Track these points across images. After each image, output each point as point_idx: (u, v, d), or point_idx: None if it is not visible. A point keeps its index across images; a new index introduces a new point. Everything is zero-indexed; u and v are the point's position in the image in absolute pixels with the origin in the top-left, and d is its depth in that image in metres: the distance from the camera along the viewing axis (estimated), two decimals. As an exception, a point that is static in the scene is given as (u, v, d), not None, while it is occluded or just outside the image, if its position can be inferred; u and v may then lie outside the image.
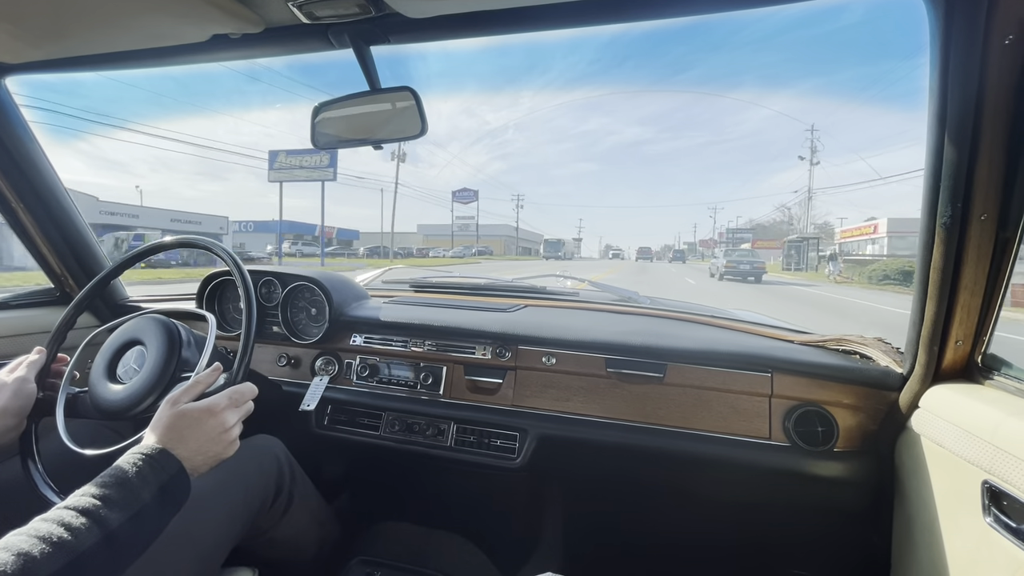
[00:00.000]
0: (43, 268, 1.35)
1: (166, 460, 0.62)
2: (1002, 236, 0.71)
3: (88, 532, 0.52)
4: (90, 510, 0.54)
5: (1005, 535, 0.66)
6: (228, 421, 0.70)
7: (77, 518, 0.53)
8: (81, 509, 0.54)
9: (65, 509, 0.54)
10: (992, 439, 0.68)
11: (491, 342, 1.17)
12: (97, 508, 0.54)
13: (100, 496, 0.56)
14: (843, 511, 1.07)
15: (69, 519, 0.52)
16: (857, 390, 0.97)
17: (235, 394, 0.73)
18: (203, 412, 0.68)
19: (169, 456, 0.63)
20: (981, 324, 0.78)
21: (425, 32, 0.83)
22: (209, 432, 0.68)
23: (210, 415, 0.69)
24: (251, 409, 0.76)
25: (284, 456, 0.99)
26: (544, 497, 1.39)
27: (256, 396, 0.77)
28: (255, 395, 0.77)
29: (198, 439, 0.66)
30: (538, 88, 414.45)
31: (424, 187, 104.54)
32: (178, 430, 0.66)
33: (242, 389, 0.75)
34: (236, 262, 0.89)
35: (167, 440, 0.64)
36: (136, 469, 0.59)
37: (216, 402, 0.70)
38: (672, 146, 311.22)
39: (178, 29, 0.85)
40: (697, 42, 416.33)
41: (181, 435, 0.66)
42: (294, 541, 0.99)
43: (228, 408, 0.71)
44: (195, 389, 0.72)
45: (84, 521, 0.53)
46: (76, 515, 0.53)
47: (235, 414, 0.72)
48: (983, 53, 0.62)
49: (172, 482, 0.62)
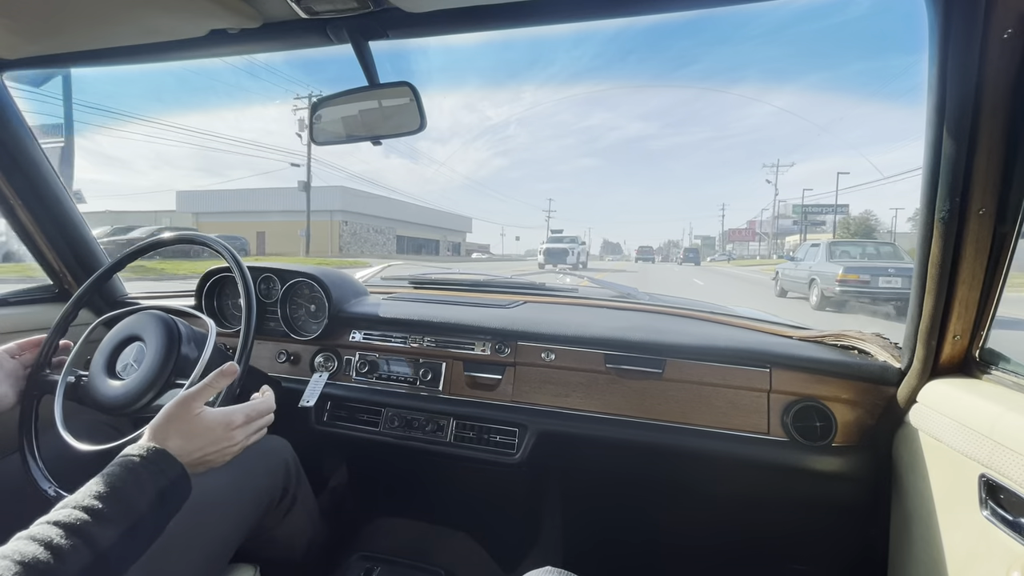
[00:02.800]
0: (41, 265, 1.34)
1: (168, 463, 0.60)
2: (1000, 230, 0.71)
3: (76, 554, 0.48)
4: (79, 528, 0.50)
5: (1002, 528, 0.66)
6: (237, 438, 0.68)
7: (65, 539, 0.48)
8: (70, 527, 0.49)
9: (53, 526, 0.49)
10: (990, 433, 0.68)
11: (490, 338, 1.17)
12: (88, 525, 0.50)
13: (92, 510, 0.52)
14: (841, 506, 1.08)
15: (57, 540, 0.48)
16: (855, 385, 0.98)
17: (253, 412, 0.71)
18: (218, 423, 0.66)
19: (171, 459, 0.60)
20: (979, 318, 0.78)
21: (424, 27, 0.82)
22: (217, 443, 0.66)
23: (225, 428, 0.67)
24: (265, 429, 0.74)
25: (291, 457, 0.99)
26: (543, 492, 1.39)
27: (271, 422, 0.75)
28: (271, 417, 0.74)
29: (204, 449, 0.64)
30: (541, 83, 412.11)
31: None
32: (186, 434, 0.63)
33: (260, 408, 0.72)
34: (235, 258, 0.89)
35: (171, 442, 0.62)
36: (134, 475, 0.56)
37: (234, 417, 0.68)
38: (676, 141, 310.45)
39: (176, 24, 0.84)
40: (702, 36, 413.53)
41: (190, 440, 0.63)
42: (290, 540, 0.99)
43: (243, 426, 0.69)
44: (208, 392, 0.69)
45: (72, 542, 0.48)
46: (64, 535, 0.49)
47: (244, 432, 0.70)
48: (982, 47, 0.62)
49: (172, 487, 0.59)
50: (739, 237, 58.50)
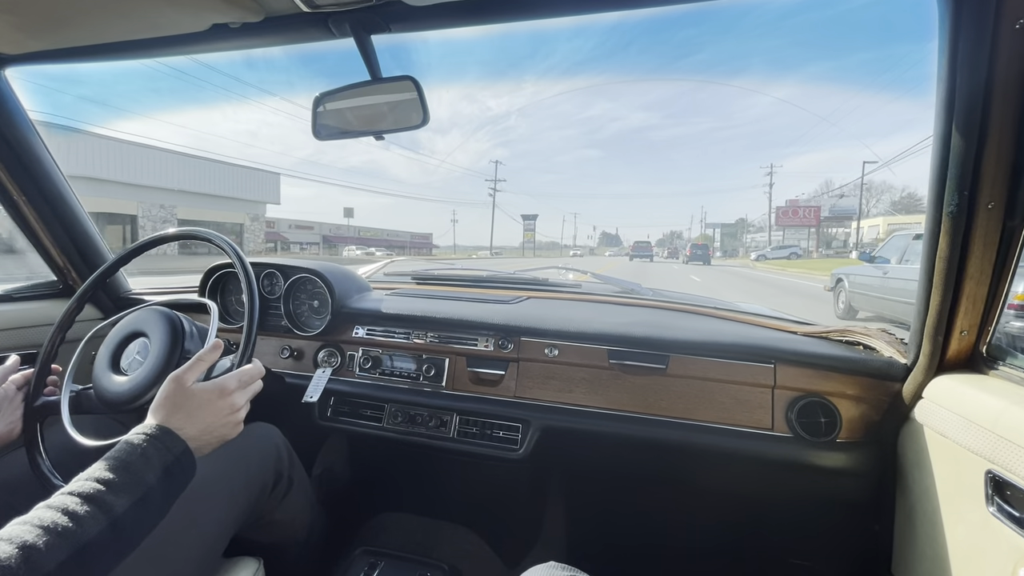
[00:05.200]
0: (46, 261, 1.35)
1: (171, 440, 0.61)
2: (1009, 225, 0.70)
3: (93, 520, 0.51)
4: (94, 496, 0.53)
5: (1008, 524, 0.66)
6: (237, 402, 0.70)
7: (81, 505, 0.51)
8: (85, 495, 0.52)
9: (69, 496, 0.52)
10: (996, 429, 0.68)
11: (493, 334, 1.17)
12: (102, 494, 0.53)
13: (104, 480, 0.54)
14: (845, 501, 1.08)
15: (73, 507, 0.51)
16: (860, 381, 0.97)
17: (243, 375, 0.73)
18: (213, 393, 0.68)
19: (174, 436, 0.62)
20: (987, 314, 0.78)
21: (426, 20, 0.82)
22: (218, 413, 0.67)
23: (220, 395, 0.68)
24: (259, 388, 0.76)
25: (282, 442, 1.00)
26: (547, 488, 1.40)
27: (263, 375, 0.77)
28: (262, 375, 0.77)
29: (206, 419, 0.66)
30: (541, 73, 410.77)
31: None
32: (186, 410, 0.65)
33: (250, 371, 0.75)
34: (238, 254, 0.89)
35: (173, 419, 0.63)
36: (141, 450, 0.58)
37: (226, 383, 0.70)
38: (678, 132, 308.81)
39: (178, 18, 0.84)
40: (704, 26, 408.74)
41: (189, 416, 0.65)
42: (291, 523, 1.00)
43: (238, 389, 0.71)
44: (200, 367, 0.70)
45: (88, 508, 0.51)
46: (80, 502, 0.52)
47: (244, 395, 0.72)
48: (993, 38, 0.61)
49: (177, 463, 0.61)
50: (794, 220, 35.51)
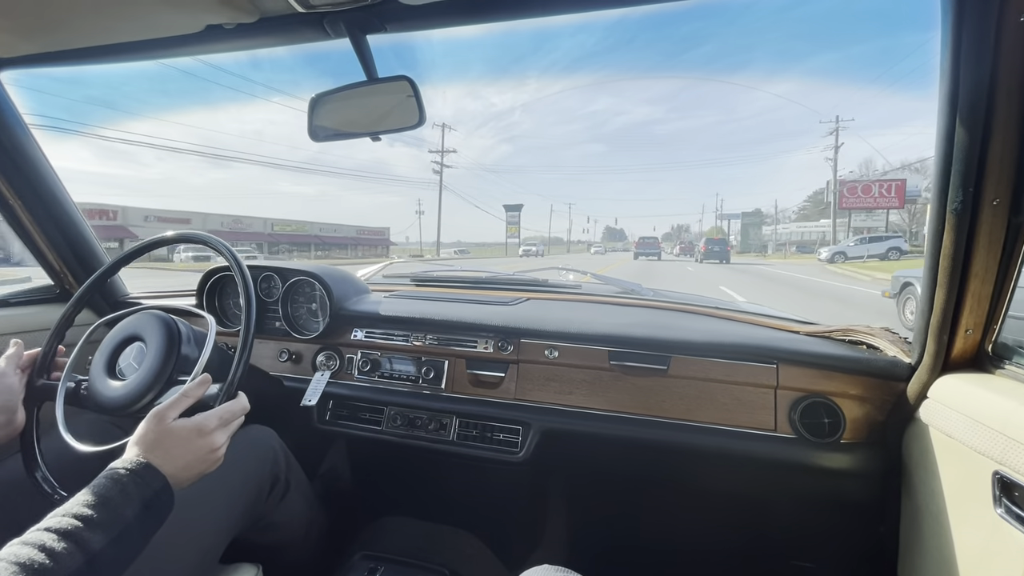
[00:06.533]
0: (42, 265, 1.34)
1: (151, 475, 0.60)
2: (1015, 222, 0.69)
3: (70, 557, 0.50)
4: (72, 532, 0.52)
5: (1017, 526, 0.65)
6: (217, 441, 0.68)
7: (58, 542, 0.50)
8: (62, 532, 0.51)
9: (46, 532, 0.51)
10: (1004, 429, 0.67)
11: (493, 335, 1.16)
12: (79, 530, 0.52)
13: (82, 517, 0.53)
14: (850, 503, 1.06)
15: (50, 543, 0.50)
16: (864, 381, 0.96)
17: (226, 413, 0.71)
18: (192, 432, 0.66)
19: (154, 471, 0.61)
20: (992, 312, 0.77)
21: (423, 20, 0.81)
22: (197, 452, 0.66)
23: (199, 435, 0.66)
24: (240, 424, 0.74)
25: (278, 444, 0.99)
26: (547, 491, 1.39)
27: (247, 412, 0.75)
28: (246, 411, 0.75)
29: (185, 457, 0.64)
30: (544, 68, 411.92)
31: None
32: (165, 447, 0.64)
33: (232, 408, 0.72)
34: (235, 258, 0.88)
35: (153, 456, 0.62)
36: (120, 486, 0.57)
37: (206, 423, 0.67)
38: (682, 126, 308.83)
39: (172, 19, 0.83)
40: (709, 20, 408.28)
41: (168, 452, 0.63)
42: (289, 525, 1.00)
43: (218, 429, 0.69)
44: (183, 403, 0.69)
45: (65, 545, 0.50)
46: (57, 539, 0.51)
47: (224, 433, 0.70)
48: (997, 31, 0.60)
49: (156, 498, 0.60)
50: (866, 202, 28.39)
